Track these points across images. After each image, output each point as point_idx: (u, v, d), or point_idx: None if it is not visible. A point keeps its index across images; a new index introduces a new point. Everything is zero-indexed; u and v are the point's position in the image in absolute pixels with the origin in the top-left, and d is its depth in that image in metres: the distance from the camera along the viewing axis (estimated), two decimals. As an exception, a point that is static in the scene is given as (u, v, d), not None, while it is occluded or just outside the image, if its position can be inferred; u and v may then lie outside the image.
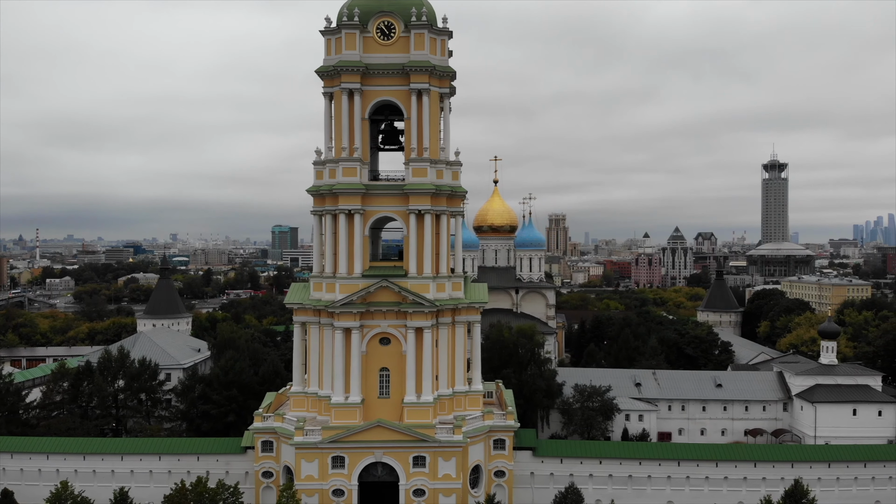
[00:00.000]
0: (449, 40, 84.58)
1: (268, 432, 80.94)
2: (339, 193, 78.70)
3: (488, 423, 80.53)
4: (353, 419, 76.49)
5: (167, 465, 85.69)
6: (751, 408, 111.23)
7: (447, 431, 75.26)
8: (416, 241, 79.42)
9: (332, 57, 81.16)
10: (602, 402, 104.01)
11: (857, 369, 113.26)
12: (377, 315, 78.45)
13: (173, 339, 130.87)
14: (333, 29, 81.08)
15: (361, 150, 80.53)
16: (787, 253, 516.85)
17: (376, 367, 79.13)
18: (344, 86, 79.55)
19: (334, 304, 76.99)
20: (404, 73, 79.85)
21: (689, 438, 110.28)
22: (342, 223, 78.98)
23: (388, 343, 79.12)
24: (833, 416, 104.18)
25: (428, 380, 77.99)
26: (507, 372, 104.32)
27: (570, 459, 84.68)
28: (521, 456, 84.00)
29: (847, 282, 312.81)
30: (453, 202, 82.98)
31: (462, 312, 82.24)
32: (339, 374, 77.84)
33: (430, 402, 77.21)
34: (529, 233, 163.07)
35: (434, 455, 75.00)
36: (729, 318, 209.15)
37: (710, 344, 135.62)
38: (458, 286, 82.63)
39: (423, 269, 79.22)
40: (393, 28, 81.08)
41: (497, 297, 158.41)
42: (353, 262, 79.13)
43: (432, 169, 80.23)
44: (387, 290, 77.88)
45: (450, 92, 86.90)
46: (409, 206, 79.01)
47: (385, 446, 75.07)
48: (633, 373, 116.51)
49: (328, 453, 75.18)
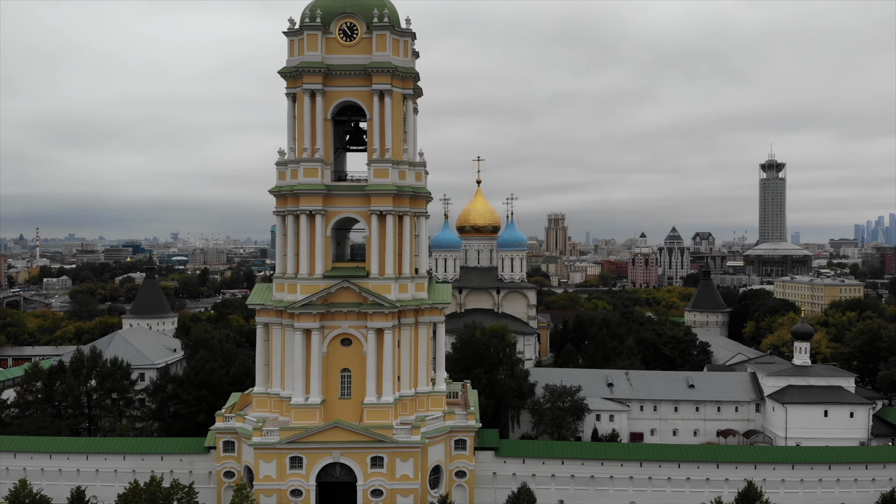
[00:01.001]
0: (413, 41, 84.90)
1: (229, 432, 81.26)
2: (301, 194, 78.88)
3: (449, 423, 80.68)
4: (313, 420, 76.66)
5: (131, 465, 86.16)
6: (723, 408, 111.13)
7: (406, 432, 75.39)
8: (379, 241, 79.55)
9: (294, 58, 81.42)
10: (572, 403, 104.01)
11: (830, 370, 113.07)
12: (338, 316, 78.61)
13: (149, 340, 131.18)
14: (296, 30, 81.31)
15: (324, 151, 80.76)
16: (784, 253, 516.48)
17: (338, 368, 79.32)
18: (306, 86, 79.76)
19: (294, 304, 77.17)
20: (366, 74, 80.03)
21: (662, 439, 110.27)
22: (303, 224, 79.13)
23: (350, 344, 79.31)
24: (804, 417, 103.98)
25: (389, 381, 78.12)
26: (478, 372, 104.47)
27: (532, 460, 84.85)
28: (483, 456, 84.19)
29: (839, 282, 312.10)
30: (417, 203, 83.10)
31: (425, 313, 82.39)
32: (300, 375, 78.04)
33: (390, 402, 77.35)
34: (511, 233, 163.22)
35: (392, 455, 75.16)
36: (716, 318, 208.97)
37: (688, 344, 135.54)
38: (421, 287, 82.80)
39: (385, 270, 79.37)
40: (355, 29, 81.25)
41: (479, 297, 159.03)
42: (315, 263, 79.28)
43: (395, 170, 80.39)
44: (348, 290, 78.06)
45: (414, 93, 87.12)
46: (370, 207, 79.18)
47: (343, 447, 75.25)
48: (605, 373, 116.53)
49: (286, 454, 75.36)
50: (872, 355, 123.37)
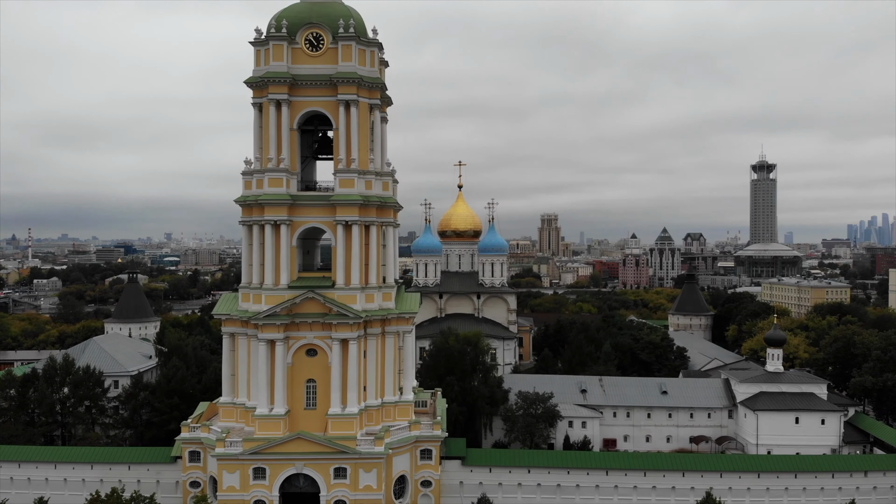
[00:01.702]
0: (380, 51, 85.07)
1: (194, 442, 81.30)
2: (265, 204, 78.90)
3: (415, 433, 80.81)
4: (278, 431, 76.68)
5: (99, 474, 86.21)
6: (696, 415, 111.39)
7: (369, 443, 75.48)
8: (345, 251, 79.62)
9: (260, 68, 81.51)
10: (545, 409, 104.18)
11: (802, 377, 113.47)
12: (303, 326, 78.69)
13: (125, 346, 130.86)
14: (262, 40, 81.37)
15: (289, 161, 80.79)
16: (775, 253, 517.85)
17: (303, 379, 79.37)
18: (271, 96, 79.84)
19: (258, 315, 77.18)
20: (332, 85, 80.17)
21: (635, 445, 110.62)
22: (268, 234, 79.14)
23: (315, 354, 79.36)
24: (775, 424, 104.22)
25: (354, 391, 78.19)
26: (451, 379, 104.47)
27: (498, 468, 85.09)
28: (449, 465, 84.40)
29: (826, 284, 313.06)
30: (384, 213, 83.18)
31: (392, 323, 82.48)
32: (264, 385, 78.07)
33: (354, 413, 77.41)
34: (492, 238, 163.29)
35: (355, 466, 75.27)
36: (699, 321, 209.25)
37: (665, 349, 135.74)
38: (388, 296, 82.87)
39: (352, 280, 79.45)
40: (321, 39, 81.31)
41: (459, 301, 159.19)
42: (280, 273, 79.30)
43: (361, 179, 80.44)
44: (313, 301, 78.14)
45: (383, 103, 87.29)
46: (335, 217, 79.23)
47: (306, 458, 75.32)
48: (579, 379, 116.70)
49: (249, 464, 75.40)
50: (847, 361, 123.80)
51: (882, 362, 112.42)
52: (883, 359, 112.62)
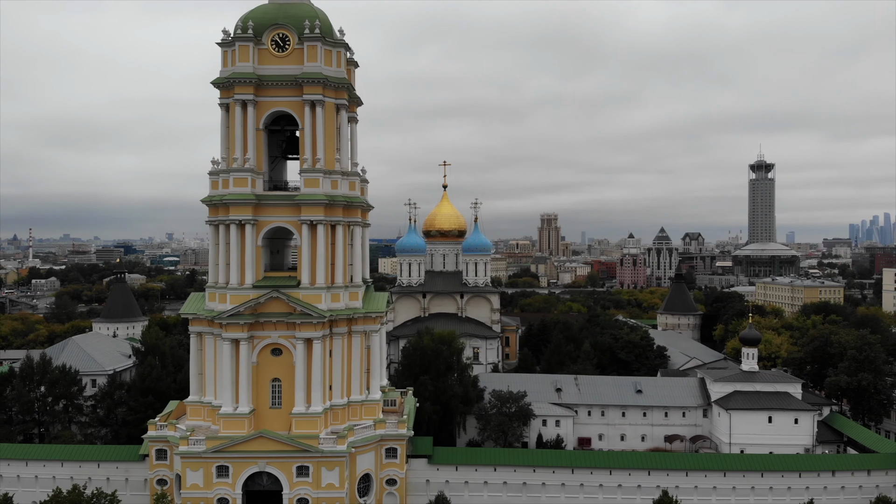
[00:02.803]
0: (347, 52, 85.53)
1: (161, 441, 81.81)
2: (230, 204, 79.33)
3: (380, 432, 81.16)
4: (242, 429, 77.12)
5: (69, 472, 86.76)
6: (671, 414, 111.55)
7: (331, 442, 75.86)
8: (310, 251, 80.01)
9: (227, 69, 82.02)
10: (518, 408, 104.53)
11: (777, 376, 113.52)
12: (267, 326, 79.11)
13: (104, 346, 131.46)
14: (229, 41, 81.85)
15: (255, 161, 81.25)
16: (772, 253, 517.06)
17: (268, 378, 79.79)
18: (237, 97, 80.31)
19: (222, 315, 77.62)
20: (298, 85, 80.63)
21: (609, 444, 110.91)
22: (233, 234, 79.57)
23: (280, 354, 79.77)
24: (748, 423, 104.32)
25: (318, 390, 78.56)
26: (425, 378, 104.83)
27: (465, 467, 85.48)
28: (416, 464, 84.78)
29: (819, 283, 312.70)
30: (350, 213, 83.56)
31: (359, 322, 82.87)
32: (228, 384, 78.53)
33: (318, 412, 77.81)
34: (476, 238, 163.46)
35: (317, 465, 75.64)
36: (688, 321, 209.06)
37: (644, 349, 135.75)
38: (355, 296, 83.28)
39: (317, 280, 79.83)
40: (288, 40, 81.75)
41: (443, 301, 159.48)
42: (245, 273, 79.71)
43: (326, 179, 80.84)
44: (277, 300, 78.55)
45: (352, 102, 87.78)
46: (300, 217, 79.60)
47: (268, 456, 75.74)
48: (554, 378, 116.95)
49: (212, 462, 75.85)
50: (824, 361, 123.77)
51: (857, 362, 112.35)
52: (858, 358, 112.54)
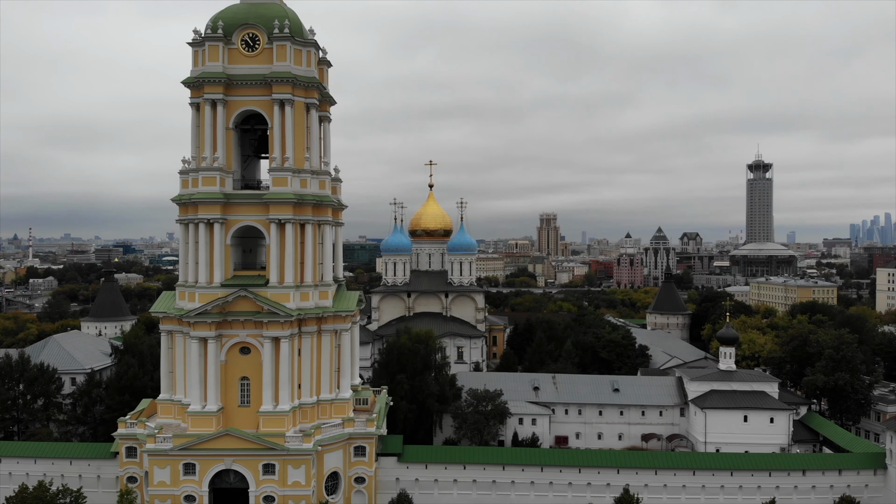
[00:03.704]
0: (317, 51, 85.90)
1: (131, 438, 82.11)
2: (199, 203, 79.62)
3: (348, 430, 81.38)
4: (210, 427, 77.40)
5: (42, 469, 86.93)
6: (648, 412, 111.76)
7: (298, 440, 76.10)
8: (279, 250, 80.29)
9: (197, 68, 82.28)
10: (494, 407, 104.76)
11: (754, 375, 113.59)
12: (235, 325, 79.38)
13: (85, 344, 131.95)
14: (199, 41, 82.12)
15: (225, 160, 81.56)
16: (770, 253, 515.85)
17: (237, 376, 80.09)
18: (207, 96, 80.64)
19: (189, 313, 77.94)
20: (267, 84, 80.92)
21: (586, 443, 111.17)
22: (202, 232, 79.87)
23: (249, 352, 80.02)
24: (723, 422, 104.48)
25: (286, 389, 78.83)
26: (402, 377, 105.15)
27: (434, 465, 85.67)
28: (386, 462, 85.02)
29: (812, 283, 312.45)
30: (321, 211, 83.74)
31: (329, 321, 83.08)
32: (196, 382, 78.83)
33: (286, 410, 78.06)
34: (461, 237, 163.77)
35: (283, 462, 75.90)
36: (676, 320, 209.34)
37: (626, 347, 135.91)
38: (325, 295, 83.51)
39: (285, 279, 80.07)
40: (257, 40, 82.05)
41: (428, 300, 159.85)
42: (214, 272, 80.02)
43: (295, 178, 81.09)
44: (246, 299, 78.80)
45: (323, 101, 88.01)
46: (269, 216, 79.88)
47: (234, 454, 76.00)
48: (532, 377, 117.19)
49: (179, 460, 76.16)
50: (804, 360, 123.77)
51: (834, 361, 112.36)
52: (835, 358, 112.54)
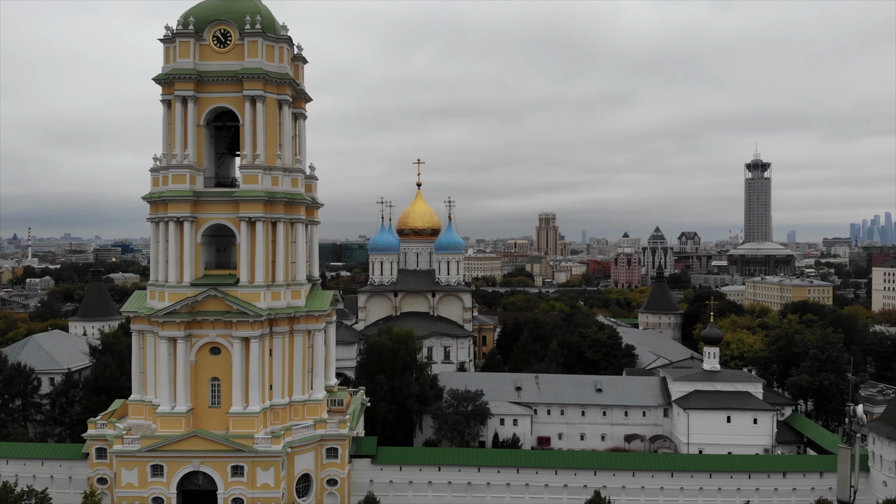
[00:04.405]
0: (291, 47, 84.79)
1: (101, 439, 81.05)
2: (169, 201, 78.67)
3: (320, 432, 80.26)
4: (179, 428, 76.35)
5: (14, 469, 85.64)
6: (631, 413, 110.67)
7: (267, 441, 75.04)
8: (249, 249, 79.19)
9: (168, 65, 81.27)
10: (475, 407, 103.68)
11: (739, 375, 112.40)
12: (205, 324, 78.31)
13: (66, 344, 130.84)
14: (170, 38, 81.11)
15: (196, 157, 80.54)
16: (768, 253, 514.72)
17: (207, 377, 79.01)
18: (178, 93, 79.64)
19: (158, 313, 76.92)
20: (238, 81, 79.90)
21: (569, 443, 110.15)
22: (172, 231, 78.89)
23: (219, 353, 78.93)
24: (706, 423, 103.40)
25: (256, 390, 77.75)
26: (381, 378, 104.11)
27: (409, 467, 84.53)
28: (359, 464, 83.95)
29: (808, 283, 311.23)
30: (293, 209, 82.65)
31: (301, 321, 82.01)
32: (165, 383, 77.79)
33: (255, 412, 76.97)
34: (449, 236, 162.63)
35: (252, 464, 74.83)
36: (668, 320, 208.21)
37: (612, 347, 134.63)
38: (297, 294, 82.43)
39: (256, 278, 79.01)
40: (229, 36, 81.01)
41: (414, 300, 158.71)
42: (184, 271, 79.00)
43: (267, 176, 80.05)
44: (215, 299, 77.75)
45: (297, 98, 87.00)
46: (239, 214, 78.83)
47: (203, 456, 74.95)
48: (515, 377, 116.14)
49: (147, 462, 75.14)
50: (789, 360, 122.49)
51: (819, 361, 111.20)
52: (820, 358, 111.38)
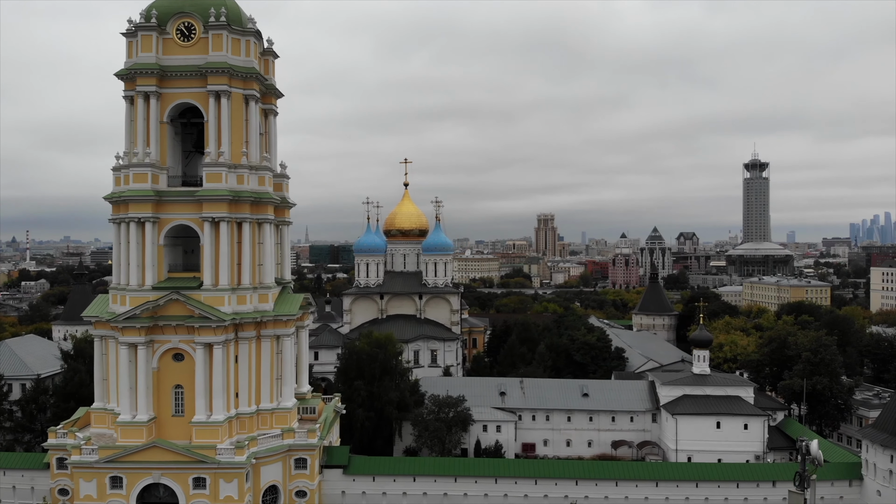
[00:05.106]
0: (259, 41, 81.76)
1: (61, 449, 77.81)
2: (130, 201, 75.53)
3: (287, 441, 76.94)
4: (140, 438, 73.10)
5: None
6: (618, 419, 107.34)
7: (230, 452, 71.76)
8: (213, 250, 76.00)
9: (130, 60, 78.13)
10: (456, 413, 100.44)
11: (729, 379, 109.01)
12: (167, 330, 75.07)
13: (40, 349, 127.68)
14: (132, 32, 77.98)
15: (159, 155, 77.45)
16: (766, 253, 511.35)
17: (170, 384, 75.79)
18: (140, 89, 76.49)
19: (117, 317, 73.73)
20: (202, 75, 76.80)
21: (554, 450, 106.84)
22: (133, 232, 75.71)
23: (182, 359, 75.67)
24: (695, 428, 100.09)
25: (220, 398, 74.48)
26: (359, 384, 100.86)
27: (382, 477, 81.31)
28: (330, 475, 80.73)
29: (805, 283, 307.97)
30: (260, 209, 79.42)
31: (269, 326, 78.79)
32: (126, 390, 74.58)
33: (220, 421, 73.68)
34: (436, 237, 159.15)
35: (215, 476, 71.51)
36: (662, 321, 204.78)
37: (601, 350, 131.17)
38: (265, 298, 79.18)
39: (220, 281, 75.79)
40: (193, 29, 77.92)
41: (401, 302, 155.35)
42: (146, 274, 75.85)
43: (232, 174, 76.91)
44: (178, 303, 74.54)
45: (267, 93, 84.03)
46: (202, 214, 75.67)
47: (163, 467, 71.66)
48: (499, 381, 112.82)
49: (105, 473, 71.84)
50: (782, 363, 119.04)
51: (812, 364, 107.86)
52: (813, 360, 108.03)
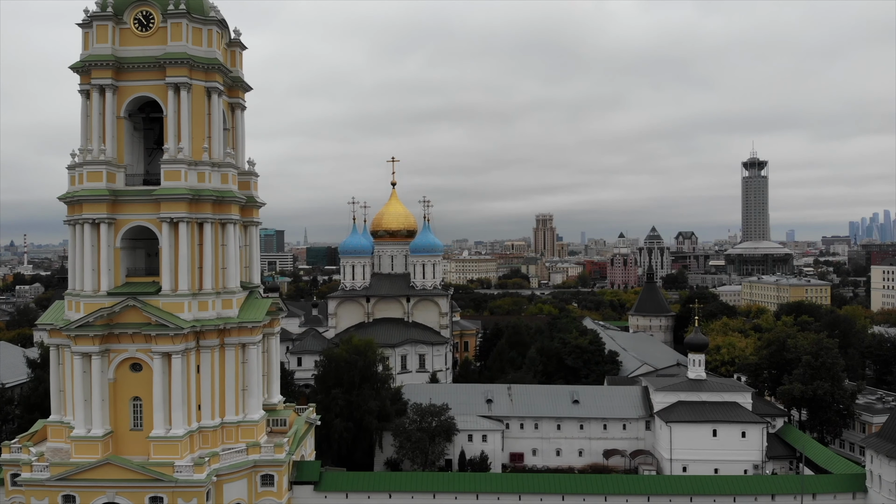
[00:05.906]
0: (222, 30, 77.12)
1: (15, 465, 72.94)
2: (83, 201, 70.88)
3: (253, 457, 72.13)
4: (96, 454, 68.28)
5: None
6: (610, 426, 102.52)
7: (189, 469, 66.98)
8: (172, 253, 71.25)
9: (86, 52, 73.44)
10: (439, 423, 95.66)
11: (726, 384, 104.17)
12: (123, 338, 70.28)
13: (10, 357, 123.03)
14: (88, 22, 73.32)
15: (115, 152, 72.82)
16: (765, 251, 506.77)
17: (127, 396, 70.98)
18: (95, 82, 71.79)
19: (69, 325, 68.98)
20: (161, 67, 72.02)
21: (544, 459, 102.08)
22: (88, 234, 71.02)
23: (140, 370, 70.81)
24: (690, 437, 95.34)
25: (179, 411, 69.57)
26: (336, 392, 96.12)
27: (356, 494, 76.47)
28: (300, 491, 75.94)
29: (805, 282, 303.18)
30: (223, 209, 74.53)
31: (233, 333, 73.92)
32: (81, 403, 69.77)
33: (179, 435, 68.82)
34: (425, 238, 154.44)
35: (172, 495, 66.73)
36: (659, 322, 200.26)
37: (594, 354, 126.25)
38: (229, 304, 74.26)
39: (180, 286, 71.04)
40: (152, 18, 73.23)
41: (388, 305, 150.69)
42: (101, 278, 71.14)
43: (192, 172, 72.16)
44: (135, 309, 69.77)
45: (233, 87, 79.48)
46: (160, 214, 70.93)
47: (118, 486, 66.92)
48: (486, 388, 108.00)
49: (58, 492, 67.17)
50: (782, 367, 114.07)
51: (812, 368, 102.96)
52: (813, 364, 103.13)
